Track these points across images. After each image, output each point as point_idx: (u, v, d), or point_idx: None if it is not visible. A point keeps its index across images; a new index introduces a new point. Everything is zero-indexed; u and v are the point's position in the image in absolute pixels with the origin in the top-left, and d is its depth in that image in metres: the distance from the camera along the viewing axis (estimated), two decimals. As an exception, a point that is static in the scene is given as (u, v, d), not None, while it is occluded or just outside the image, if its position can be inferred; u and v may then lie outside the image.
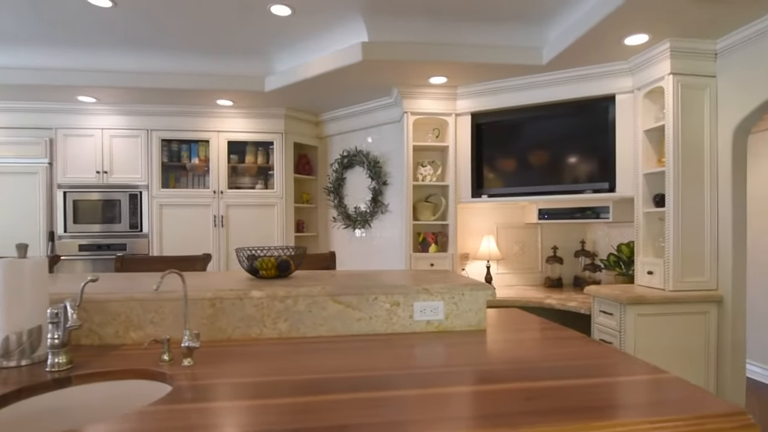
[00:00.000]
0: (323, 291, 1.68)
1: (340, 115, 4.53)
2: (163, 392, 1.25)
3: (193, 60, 3.68)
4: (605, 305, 3.02)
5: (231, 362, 1.36)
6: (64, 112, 4.13)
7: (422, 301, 1.73)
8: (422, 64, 3.24)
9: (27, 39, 3.35)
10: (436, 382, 1.20)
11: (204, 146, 4.38)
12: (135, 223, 4.16)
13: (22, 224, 4.04)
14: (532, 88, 3.57)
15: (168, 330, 1.59)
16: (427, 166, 3.90)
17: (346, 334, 1.70)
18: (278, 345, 1.56)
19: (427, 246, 3.88)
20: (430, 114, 3.77)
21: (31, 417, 1.15)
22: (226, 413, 1.00)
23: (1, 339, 1.33)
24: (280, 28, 3.22)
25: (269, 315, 1.65)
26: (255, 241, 4.35)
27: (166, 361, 1.34)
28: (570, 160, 3.56)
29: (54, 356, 1.28)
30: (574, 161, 3.55)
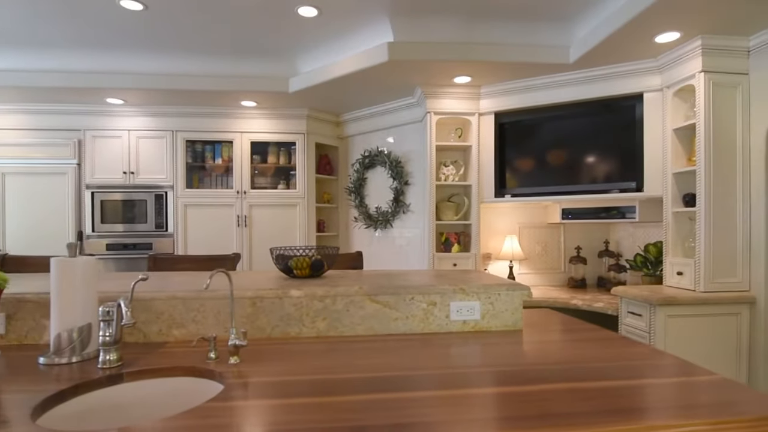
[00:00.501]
0: (361, 290, 1.69)
1: (361, 116, 4.55)
2: (212, 389, 1.27)
3: (218, 62, 3.72)
4: (634, 306, 2.99)
5: (276, 360, 1.38)
6: (93, 114, 4.21)
7: (458, 301, 1.73)
8: (447, 64, 3.24)
9: (61, 43, 3.43)
10: (476, 382, 1.20)
11: (227, 147, 4.43)
12: (160, 223, 4.23)
13: (51, 223, 4.13)
14: (556, 87, 3.54)
15: (209, 328, 1.62)
16: (449, 165, 3.90)
17: (383, 333, 1.71)
18: (318, 344, 1.58)
19: (449, 246, 3.87)
20: (453, 114, 3.77)
21: (87, 412, 1.18)
22: (280, 411, 1.02)
23: (54, 336, 1.37)
24: (306, 30, 3.24)
25: (308, 314, 1.67)
26: (277, 241, 4.39)
27: (212, 358, 1.36)
28: (595, 159, 3.53)
29: (105, 353, 1.31)
30: (599, 161, 3.51)
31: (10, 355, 1.45)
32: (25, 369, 1.31)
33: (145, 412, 1.25)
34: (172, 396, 1.28)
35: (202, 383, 1.29)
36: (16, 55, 3.58)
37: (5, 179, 4.10)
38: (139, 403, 1.26)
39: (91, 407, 1.19)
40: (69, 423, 1.13)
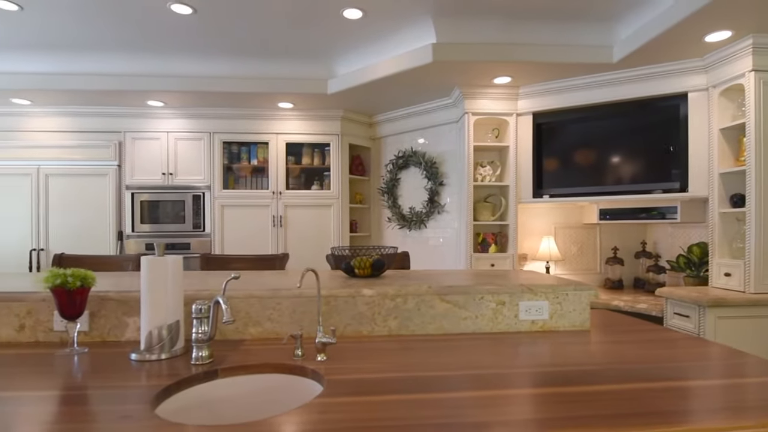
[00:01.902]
0: (430, 290, 1.71)
1: (394, 117, 4.57)
2: (305, 385, 1.30)
3: (258, 64, 3.77)
4: (680, 307, 2.96)
5: (359, 358, 1.40)
6: (133, 116, 4.29)
7: (527, 301, 1.74)
8: (490, 64, 3.25)
9: (106, 47, 3.51)
10: (550, 381, 1.21)
11: (263, 148, 4.49)
12: (198, 223, 4.29)
13: (93, 224, 4.22)
14: (596, 87, 3.52)
15: (285, 326, 1.65)
16: (486, 166, 3.90)
17: (453, 332, 1.72)
18: (392, 342, 1.60)
19: (486, 246, 3.87)
20: (490, 114, 3.77)
21: (189, 407, 1.21)
22: (383, 407, 1.04)
23: (146, 334, 1.41)
24: (347, 32, 3.28)
25: (380, 313, 1.69)
26: (312, 242, 4.43)
27: (299, 356, 1.39)
28: (635, 159, 3.50)
29: (198, 350, 1.35)
30: (639, 161, 3.49)
31: (98, 351, 1.50)
32: (118, 365, 1.35)
33: (241, 408, 1.28)
34: (266, 392, 1.31)
35: (295, 380, 1.31)
36: (61, 59, 3.67)
37: (48, 180, 4.20)
38: (234, 398, 1.29)
39: (192, 402, 1.23)
40: (178, 417, 1.16)
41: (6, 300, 1.60)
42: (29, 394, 1.13)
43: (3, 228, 4.19)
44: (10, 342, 1.60)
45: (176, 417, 1.16)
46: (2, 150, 4.16)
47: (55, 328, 1.60)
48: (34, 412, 1.02)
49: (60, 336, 1.61)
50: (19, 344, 1.58)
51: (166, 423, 0.96)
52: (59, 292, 1.44)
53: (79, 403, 1.07)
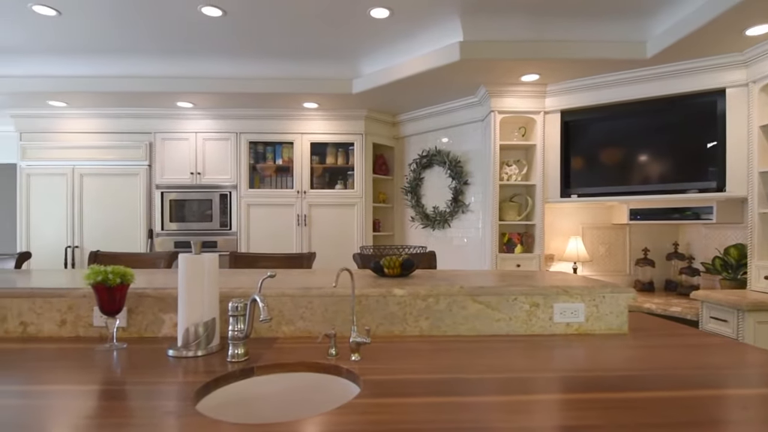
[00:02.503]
0: (462, 290, 1.69)
1: (418, 116, 4.55)
2: (340, 385, 1.30)
3: (284, 65, 3.81)
4: (717, 311, 2.86)
5: (394, 359, 1.39)
6: (163, 117, 4.39)
7: (562, 303, 1.71)
8: (517, 62, 3.20)
9: (138, 50, 3.59)
10: (590, 386, 1.18)
11: (287, 148, 4.53)
12: (225, 222, 4.36)
13: (125, 222, 4.33)
14: (627, 83, 3.44)
15: (317, 325, 1.65)
16: (512, 165, 3.84)
17: (486, 334, 1.70)
18: (425, 343, 1.58)
19: (512, 246, 3.82)
20: (517, 112, 3.72)
21: (227, 404, 1.23)
22: (423, 409, 1.03)
23: (183, 331, 1.43)
24: (372, 31, 3.27)
25: (411, 313, 1.68)
26: (336, 241, 4.44)
27: (333, 355, 1.39)
28: (669, 158, 3.40)
29: (234, 347, 1.36)
30: (673, 159, 3.38)
31: (136, 347, 1.53)
32: (157, 361, 1.37)
33: (277, 406, 1.29)
34: (301, 390, 1.32)
35: (330, 379, 1.31)
36: (95, 62, 3.77)
37: (83, 180, 4.33)
38: (270, 396, 1.30)
39: (230, 399, 1.24)
40: (216, 414, 1.17)
41: (48, 296, 1.64)
42: (74, 388, 1.16)
43: (41, 226, 4.34)
44: (52, 336, 1.65)
45: (215, 414, 1.17)
46: (40, 151, 4.31)
47: (95, 323, 1.65)
48: (80, 406, 1.05)
49: (99, 331, 1.65)
50: (61, 339, 1.63)
51: (210, 420, 0.97)
52: (100, 289, 1.47)
53: (122, 398, 1.09)
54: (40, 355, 1.44)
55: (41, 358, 1.41)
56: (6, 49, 3.57)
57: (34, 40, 3.42)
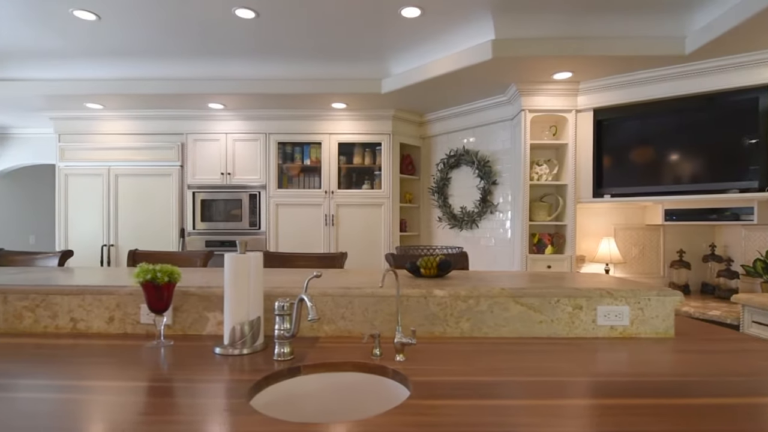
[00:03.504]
0: (504, 292, 1.67)
1: (445, 115, 4.53)
2: (386, 386, 1.30)
3: (314, 66, 3.84)
4: (761, 315, 2.77)
5: (438, 359, 1.39)
6: (194, 119, 4.48)
7: (606, 306, 1.67)
8: (550, 60, 3.15)
9: (174, 52, 3.67)
10: (639, 391, 1.15)
11: (315, 148, 4.56)
12: (254, 221, 4.42)
13: (158, 221, 4.44)
14: (663, 80, 3.35)
15: (357, 325, 1.66)
16: (542, 164, 3.79)
17: (527, 336, 1.68)
18: (467, 344, 1.57)
19: (543, 247, 3.77)
20: (549, 111, 3.66)
21: (275, 403, 1.24)
22: (477, 412, 1.02)
23: (230, 329, 1.45)
24: (402, 31, 3.26)
25: (452, 314, 1.67)
26: (364, 241, 4.46)
27: (377, 355, 1.39)
28: (707, 156, 3.30)
29: (281, 346, 1.38)
30: (712, 158, 3.28)
31: (182, 344, 1.56)
32: (204, 359, 1.40)
33: (325, 405, 1.30)
34: (348, 390, 1.32)
35: (376, 380, 1.32)
36: (131, 65, 3.87)
37: (118, 180, 4.45)
38: (317, 395, 1.31)
39: (279, 397, 1.25)
40: (267, 412, 1.19)
41: (97, 293, 1.69)
42: (130, 384, 1.19)
43: (78, 225, 4.48)
44: (101, 333, 1.70)
45: (266, 411, 1.19)
46: (77, 152, 4.45)
47: (142, 321, 1.69)
48: (139, 402, 1.07)
49: (146, 328, 1.69)
50: (109, 335, 1.67)
51: (270, 419, 0.99)
52: (148, 287, 1.51)
53: (178, 395, 1.11)
54: (92, 351, 1.48)
55: (93, 354, 1.45)
56: (47, 53, 3.69)
57: (72, 44, 3.53)
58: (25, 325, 1.71)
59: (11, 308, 1.71)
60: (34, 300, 1.71)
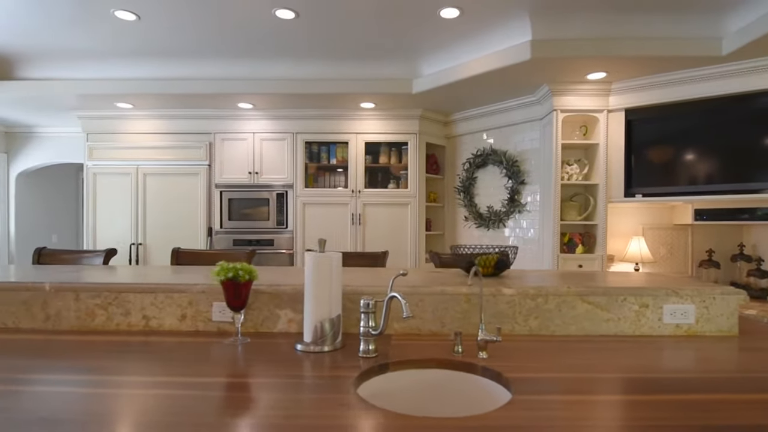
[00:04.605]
0: (571, 291, 1.69)
1: (471, 115, 4.55)
2: (476, 382, 1.32)
3: (345, 65, 3.86)
4: (800, 314, 2.79)
5: (521, 357, 1.41)
6: (222, 118, 4.50)
7: (672, 304, 1.69)
8: (587, 60, 3.17)
9: (207, 52, 3.69)
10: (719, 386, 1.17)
11: (341, 147, 4.58)
12: (281, 221, 4.45)
13: (186, 220, 4.46)
14: (697, 81, 3.36)
15: (427, 323, 1.68)
16: (573, 164, 3.81)
17: (594, 334, 1.70)
18: (538, 342, 1.59)
19: (573, 247, 3.79)
20: (580, 111, 3.68)
21: (372, 399, 1.26)
22: (582, 407, 1.05)
23: (312, 327, 1.47)
24: (439, 31, 3.28)
25: (520, 312, 1.69)
26: (390, 240, 4.48)
27: (459, 352, 1.41)
28: (740, 156, 3.32)
29: (366, 343, 1.40)
30: (745, 158, 3.30)
31: (258, 342, 1.58)
32: (288, 355, 1.42)
33: (416, 400, 1.32)
34: (439, 386, 1.35)
35: (464, 376, 1.34)
36: (163, 65, 3.89)
37: (146, 179, 4.47)
38: (406, 391, 1.33)
39: (373, 393, 1.28)
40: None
41: (170, 291, 1.72)
42: (228, 380, 1.21)
43: (107, 224, 4.51)
44: (173, 330, 1.72)
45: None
46: (107, 151, 4.48)
47: (214, 318, 1.71)
48: (252, 397, 1.10)
49: (217, 326, 1.71)
50: (180, 332, 1.70)
51: (396, 414, 1.01)
52: (228, 285, 1.53)
53: (286, 391, 1.14)
54: (172, 348, 1.50)
55: (176, 351, 1.47)
56: (81, 52, 3.72)
57: (108, 44, 3.55)
58: (97, 323, 1.74)
59: (83, 306, 1.74)
60: (106, 298, 1.73)
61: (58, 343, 1.58)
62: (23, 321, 1.75)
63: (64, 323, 1.74)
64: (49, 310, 1.75)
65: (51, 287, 1.74)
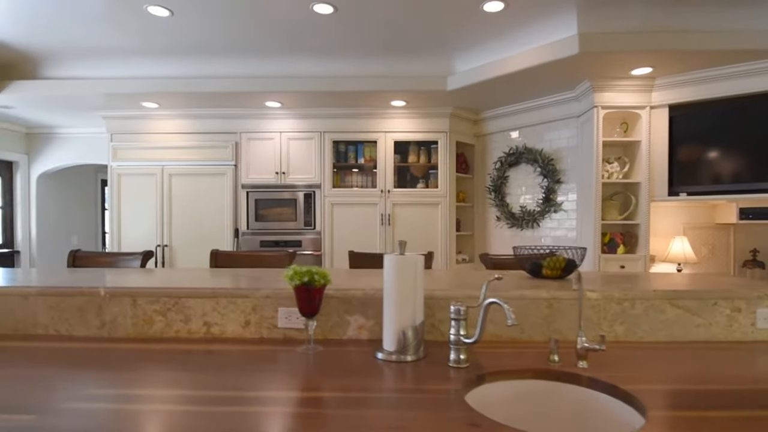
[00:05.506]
0: (658, 294, 1.59)
1: (502, 113, 4.44)
2: (576, 394, 1.22)
3: (377, 62, 3.77)
4: None
5: (624, 366, 1.31)
6: (248, 117, 4.42)
7: (765, 308, 1.59)
8: (634, 54, 3.06)
9: (235, 50, 3.61)
10: None
11: (369, 147, 4.49)
12: (309, 221, 4.36)
13: (212, 221, 4.38)
14: (745, 76, 3.25)
15: (506, 329, 1.58)
16: (613, 162, 3.70)
17: (683, 340, 1.60)
18: (629, 348, 1.49)
19: (614, 247, 3.68)
20: (621, 107, 3.58)
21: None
22: (732, 426, 0.95)
23: (395, 334, 1.38)
24: (481, 26, 3.19)
25: (606, 317, 1.59)
26: (420, 240, 4.38)
27: (555, 361, 1.32)
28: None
29: (457, 353, 1.31)
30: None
31: (331, 350, 1.49)
32: (369, 365, 1.33)
33: (520, 414, 1.23)
34: (537, 399, 1.25)
35: (566, 387, 1.24)
36: (191, 63, 3.81)
37: (172, 180, 4.39)
38: (507, 404, 1.24)
39: (476, 405, 1.18)
40: (478, 423, 1.11)
41: (232, 296, 1.63)
42: (318, 394, 1.12)
43: (132, 225, 4.43)
44: (236, 338, 1.63)
45: (470, 423, 1.11)
46: (132, 151, 4.40)
47: (279, 325, 1.62)
48: (364, 415, 1.00)
49: (283, 333, 1.62)
50: (244, 340, 1.60)
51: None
52: (301, 290, 1.44)
53: (399, 407, 1.04)
54: (242, 358, 1.41)
55: (247, 361, 1.38)
56: (108, 51, 3.65)
57: (136, 41, 3.48)
58: (155, 330, 1.65)
59: (141, 312, 1.65)
60: (165, 303, 1.64)
61: (115, 352, 1.49)
62: (77, 328, 1.67)
63: (120, 330, 1.65)
64: (104, 316, 1.66)
65: (106, 292, 1.66)
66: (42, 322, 1.67)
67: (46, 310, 1.67)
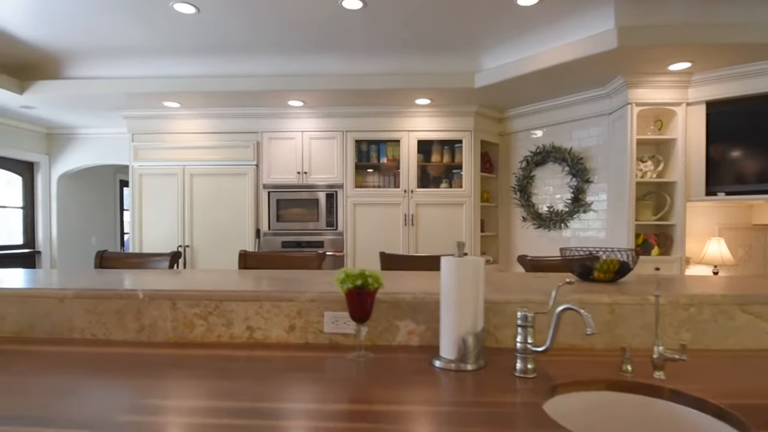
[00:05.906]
0: (727, 299, 1.49)
1: (528, 111, 4.35)
2: (653, 408, 1.14)
3: (405, 59, 3.71)
4: None
5: (703, 377, 1.22)
6: (270, 117, 4.36)
7: None
8: (673, 48, 2.96)
9: (258, 49, 3.55)
10: None
11: (392, 146, 4.42)
12: (331, 221, 4.29)
13: (233, 221, 4.34)
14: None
15: (567, 337, 1.50)
16: (647, 161, 3.59)
17: (755, 348, 1.50)
18: (699, 357, 1.40)
19: (648, 248, 3.57)
20: (656, 104, 3.46)
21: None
22: None
23: (455, 342, 1.30)
24: (513, 20, 3.10)
25: (671, 324, 1.50)
26: (444, 241, 4.30)
27: (629, 371, 1.23)
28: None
29: (524, 362, 1.23)
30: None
31: (382, 356, 1.41)
32: (426, 374, 1.25)
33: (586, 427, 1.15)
34: (615, 413, 1.16)
35: (643, 401, 1.16)
36: (214, 62, 3.77)
37: (193, 180, 4.35)
38: (584, 417, 1.15)
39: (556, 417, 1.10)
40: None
41: (276, 300, 1.56)
42: (384, 407, 1.05)
43: (153, 226, 4.40)
44: (280, 343, 1.56)
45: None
46: (153, 151, 4.37)
47: (325, 330, 1.55)
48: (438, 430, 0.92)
49: (329, 338, 1.55)
50: (289, 345, 1.54)
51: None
52: (353, 294, 1.37)
53: (471, 423, 0.96)
54: (287, 365, 1.34)
55: (294, 369, 1.30)
56: (132, 50, 3.61)
57: (160, 40, 3.44)
58: (196, 334, 1.59)
59: (181, 315, 1.59)
60: (206, 307, 1.58)
61: (155, 358, 1.42)
62: (115, 332, 1.61)
63: (159, 335, 1.59)
64: (143, 320, 1.60)
65: (145, 295, 1.60)
66: (78, 326, 1.62)
67: (82, 313, 1.61)
